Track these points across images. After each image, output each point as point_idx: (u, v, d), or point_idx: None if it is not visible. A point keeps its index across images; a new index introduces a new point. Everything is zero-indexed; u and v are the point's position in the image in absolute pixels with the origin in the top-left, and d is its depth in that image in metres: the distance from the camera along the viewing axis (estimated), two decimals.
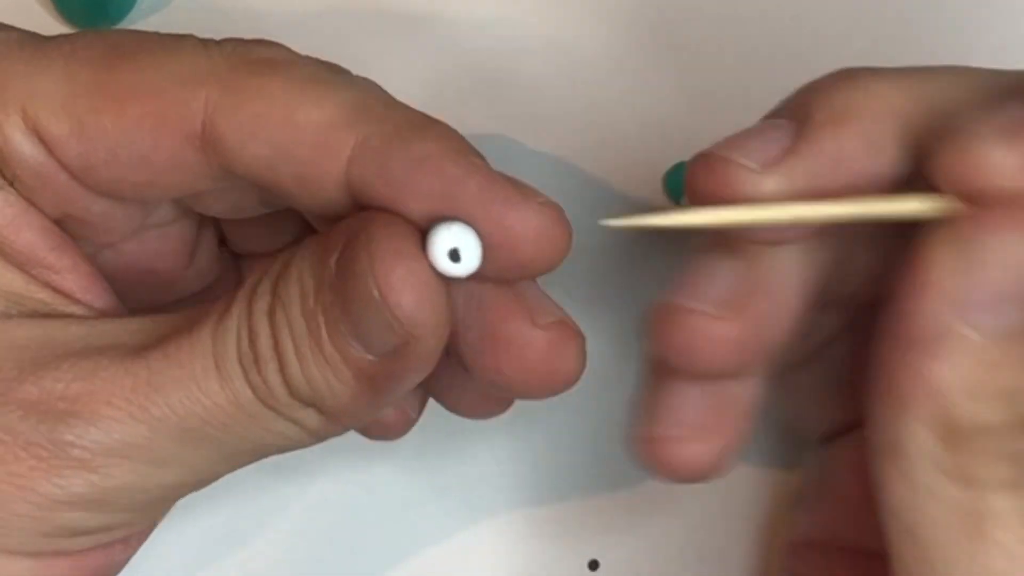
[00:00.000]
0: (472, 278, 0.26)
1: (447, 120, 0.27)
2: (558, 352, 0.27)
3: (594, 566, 0.35)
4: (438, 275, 0.25)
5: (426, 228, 0.26)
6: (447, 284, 0.26)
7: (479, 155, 0.26)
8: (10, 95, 0.27)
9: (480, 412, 0.31)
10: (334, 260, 0.25)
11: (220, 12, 0.40)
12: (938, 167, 0.25)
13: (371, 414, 0.27)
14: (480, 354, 0.27)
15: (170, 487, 0.27)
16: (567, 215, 0.27)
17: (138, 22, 0.40)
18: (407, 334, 0.25)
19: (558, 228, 0.26)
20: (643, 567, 0.35)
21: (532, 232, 0.26)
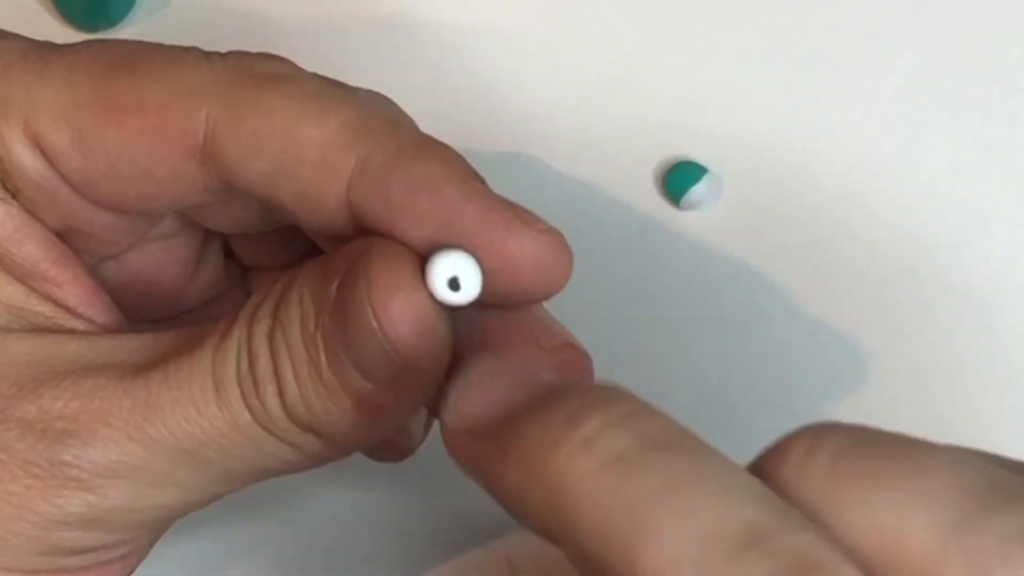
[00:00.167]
0: (473, 305, 0.26)
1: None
2: (566, 376, 0.27)
3: None
4: (438, 304, 0.25)
5: (426, 255, 0.25)
6: (448, 312, 0.26)
7: (480, 179, 0.26)
8: (12, 106, 0.27)
9: None
10: (335, 287, 0.25)
11: (220, 13, 0.39)
12: None
13: (372, 440, 0.27)
14: None
15: (168, 507, 0.27)
16: (566, 238, 0.26)
17: (138, 22, 0.39)
18: (406, 364, 0.25)
19: (559, 255, 0.26)
20: None
21: (532, 259, 0.25)
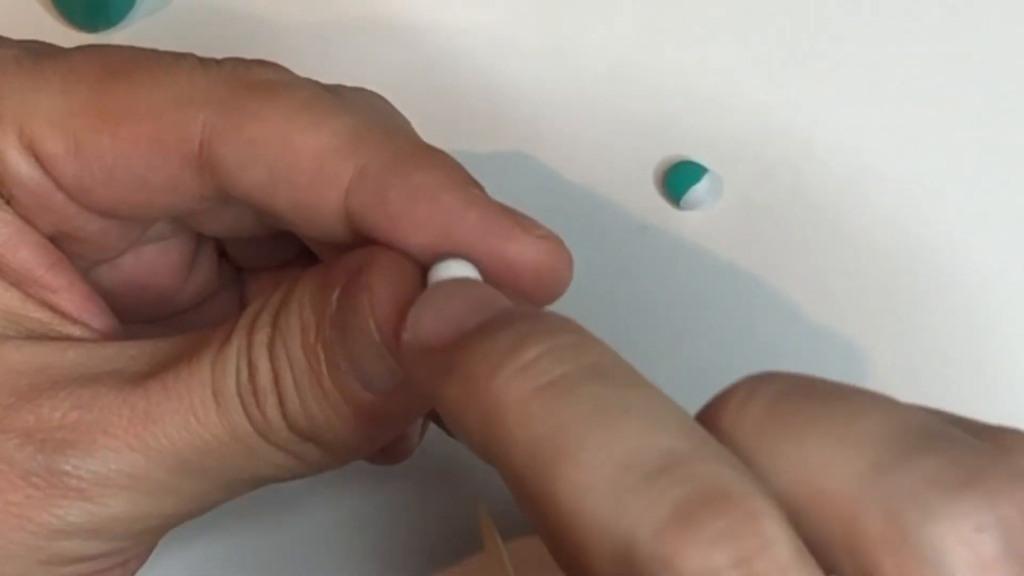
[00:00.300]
0: None
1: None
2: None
3: None
4: None
5: (426, 265, 0.25)
6: None
7: (478, 185, 0.26)
8: (6, 113, 0.27)
9: None
10: (335, 297, 0.25)
11: (219, 13, 0.39)
12: None
13: (372, 448, 0.27)
14: None
15: (168, 515, 0.27)
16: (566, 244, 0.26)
17: (138, 22, 0.39)
18: (407, 375, 0.25)
19: (559, 259, 0.26)
20: None
21: (532, 265, 0.25)
